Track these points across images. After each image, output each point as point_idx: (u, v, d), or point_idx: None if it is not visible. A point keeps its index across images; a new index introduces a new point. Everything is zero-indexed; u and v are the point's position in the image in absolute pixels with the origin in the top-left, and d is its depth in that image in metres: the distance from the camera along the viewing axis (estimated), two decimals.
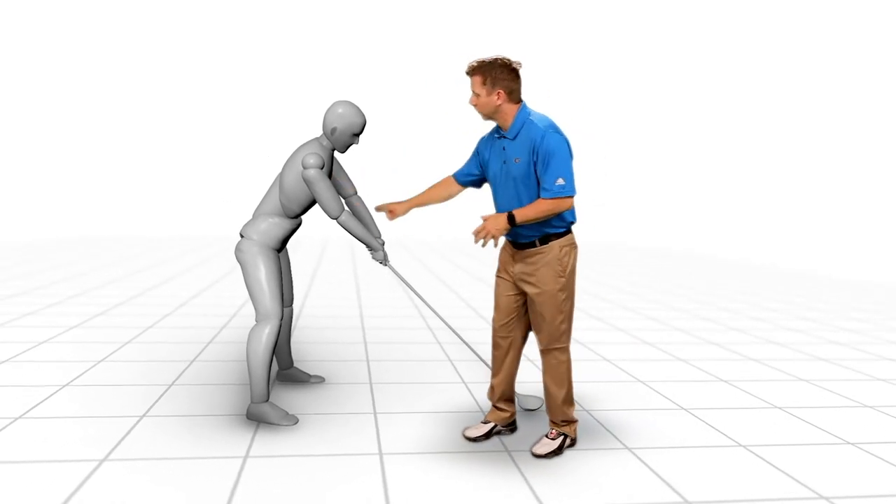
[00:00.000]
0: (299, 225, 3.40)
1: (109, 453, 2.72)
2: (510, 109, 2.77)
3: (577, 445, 2.99)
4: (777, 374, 4.33)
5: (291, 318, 3.73)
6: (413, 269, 9.38)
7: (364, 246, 3.20)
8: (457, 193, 3.13)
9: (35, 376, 3.76)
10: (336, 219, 3.19)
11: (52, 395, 3.45)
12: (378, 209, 3.19)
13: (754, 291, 8.23)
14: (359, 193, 3.15)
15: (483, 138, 3.01)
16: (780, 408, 3.63)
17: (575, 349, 4.86)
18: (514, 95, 2.77)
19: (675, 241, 14.95)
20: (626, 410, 3.51)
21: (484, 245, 2.66)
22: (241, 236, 3.29)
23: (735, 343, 5.25)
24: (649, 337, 5.37)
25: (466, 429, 3.05)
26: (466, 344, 3.50)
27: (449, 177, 3.12)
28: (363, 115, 3.28)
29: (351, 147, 4.03)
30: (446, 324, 3.42)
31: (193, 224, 15.37)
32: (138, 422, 3.10)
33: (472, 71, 2.78)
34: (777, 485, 2.63)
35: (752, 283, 9.08)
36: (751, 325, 6.00)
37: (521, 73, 15.95)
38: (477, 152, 3.02)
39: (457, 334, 3.43)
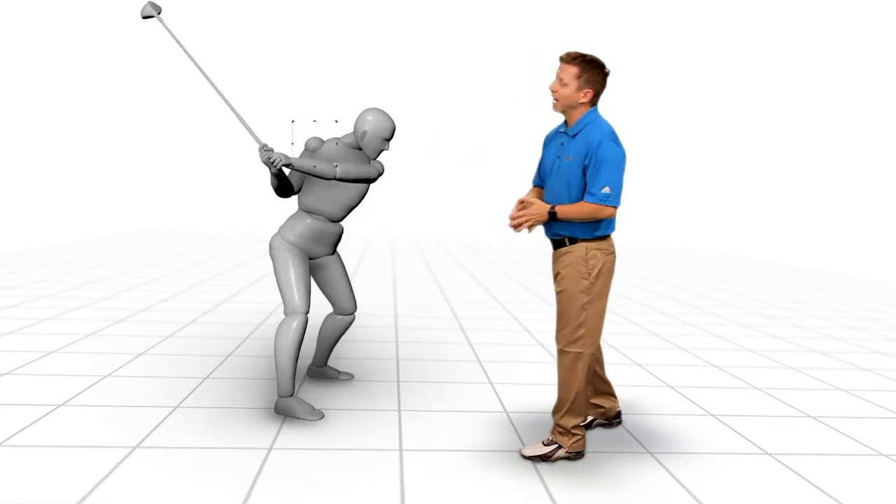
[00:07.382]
0: (335, 226, 3.46)
1: (142, 441, 2.85)
2: (584, 110, 2.78)
3: (598, 448, 2.98)
4: (814, 383, 4.22)
5: (349, 325, 3.76)
6: (450, 269, 9.43)
7: (313, 168, 3.04)
8: None
9: (80, 367, 3.94)
10: (334, 178, 3.12)
11: (94, 384, 3.61)
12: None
13: (801, 297, 8.00)
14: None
15: (549, 134, 3.01)
16: (813, 417, 3.54)
17: (607, 353, 4.82)
18: (595, 99, 2.79)
19: (711, 243, 14.64)
20: (651, 415, 3.47)
21: (518, 229, 2.67)
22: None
23: (774, 350, 5.13)
24: (685, 342, 5.29)
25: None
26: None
27: (533, 187, 3.05)
28: (392, 121, 3.35)
29: (382, 152, 4.06)
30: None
31: (240, 223, 15.79)
32: (171, 412, 3.22)
33: (573, 60, 2.71)
34: (800, 494, 2.58)
35: (800, 287, 8.83)
36: (794, 333, 5.84)
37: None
38: (543, 152, 3.01)
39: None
